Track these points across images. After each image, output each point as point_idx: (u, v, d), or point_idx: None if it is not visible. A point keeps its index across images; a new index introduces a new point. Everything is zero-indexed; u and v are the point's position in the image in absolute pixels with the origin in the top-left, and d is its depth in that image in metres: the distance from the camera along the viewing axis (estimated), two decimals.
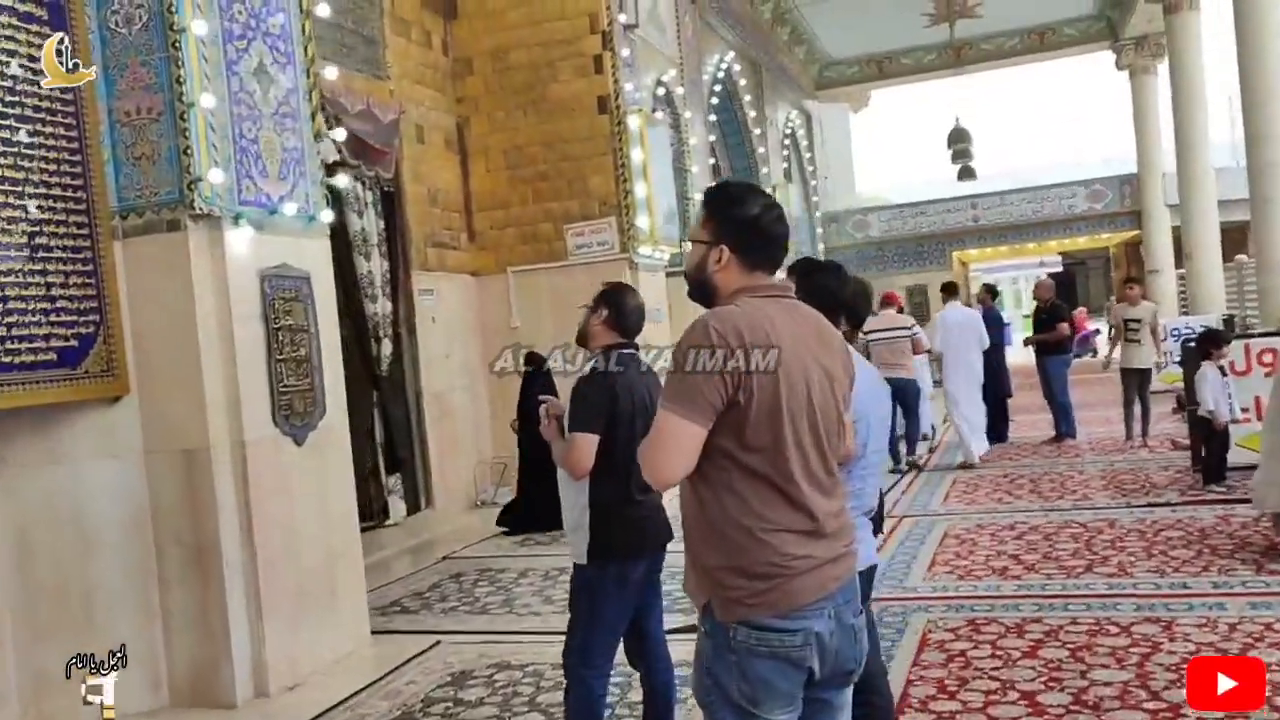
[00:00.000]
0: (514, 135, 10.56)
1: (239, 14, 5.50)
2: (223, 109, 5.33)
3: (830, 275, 3.54)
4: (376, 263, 9.26)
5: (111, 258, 5.18)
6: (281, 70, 5.80)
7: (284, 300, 5.63)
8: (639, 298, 4.05)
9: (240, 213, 5.37)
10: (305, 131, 5.95)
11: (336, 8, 8.76)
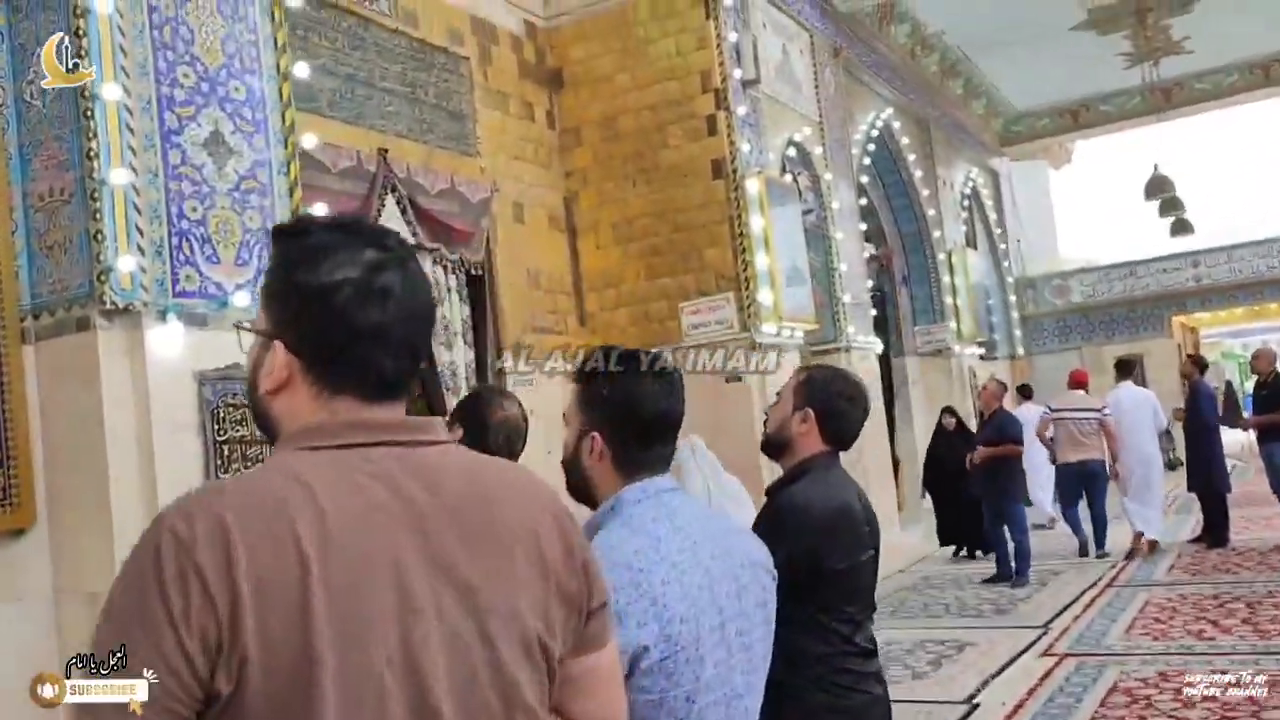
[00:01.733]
0: (624, 208, 9.43)
1: (184, 78, 4.60)
2: (153, 186, 4.41)
3: None
4: (460, 352, 8.25)
5: (18, 364, 4.30)
6: (246, 140, 4.85)
7: (233, 407, 4.61)
8: (512, 406, 2.76)
9: (170, 306, 4.39)
10: (279, 209, 4.97)
11: (412, 82, 7.94)
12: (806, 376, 2.76)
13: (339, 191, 7.22)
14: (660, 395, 1.85)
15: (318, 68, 7.25)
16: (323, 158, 7.10)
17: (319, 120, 7.18)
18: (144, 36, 4.51)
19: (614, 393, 1.86)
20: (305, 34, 7.18)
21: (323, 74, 7.29)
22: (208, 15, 4.80)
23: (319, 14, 7.33)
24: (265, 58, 5.04)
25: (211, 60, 4.79)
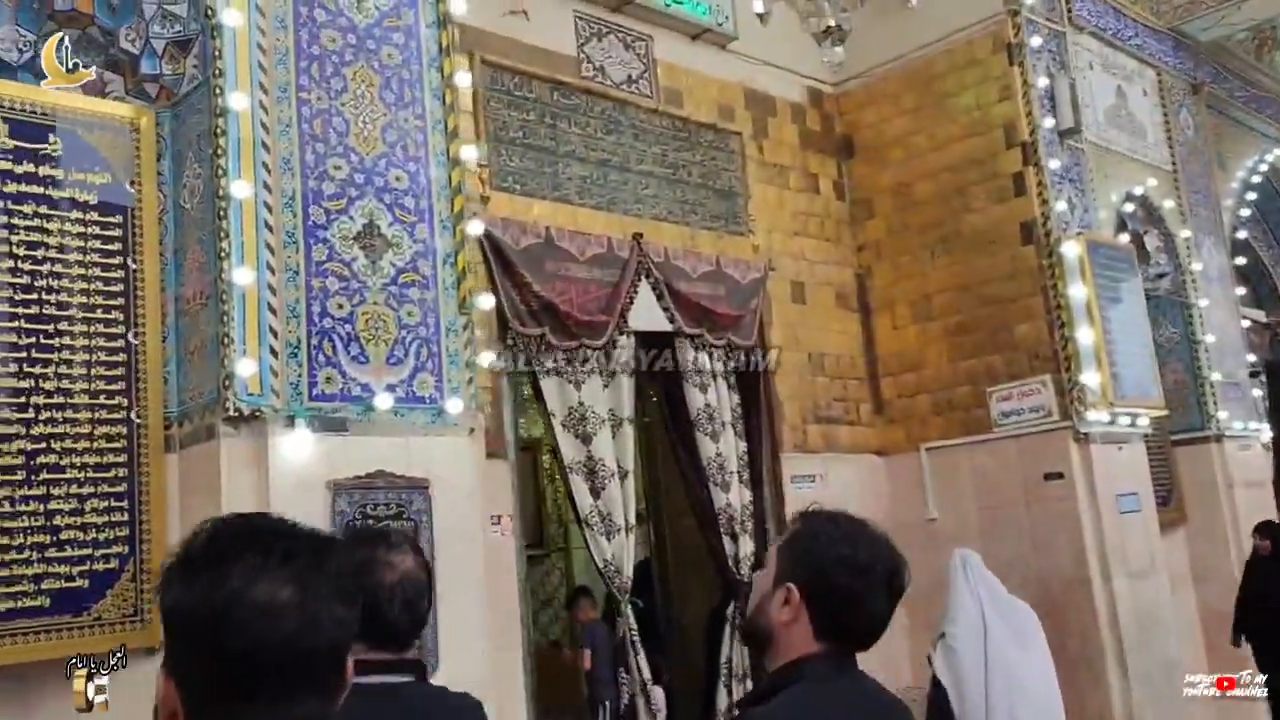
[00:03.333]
0: (922, 282, 8.29)
1: (335, 170, 4.30)
2: (292, 285, 4.11)
3: None
4: (729, 444, 7.47)
5: (160, 474, 4.10)
6: (406, 231, 4.47)
7: (373, 519, 4.15)
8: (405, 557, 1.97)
9: (301, 411, 4.03)
10: (443, 302, 4.53)
11: (674, 163, 7.41)
12: (792, 531, 1.78)
13: (586, 280, 6.79)
14: None
15: (566, 154, 6.92)
16: (569, 246, 6.72)
17: (566, 209, 6.81)
18: (290, 132, 4.25)
19: None
20: (554, 121, 6.88)
21: (571, 160, 6.94)
22: (367, 105, 4.49)
23: (571, 100, 7.00)
24: (433, 142, 4.66)
25: (368, 149, 4.46)
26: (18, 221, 3.91)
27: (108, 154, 4.16)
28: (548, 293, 6.47)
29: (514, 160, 6.61)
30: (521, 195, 6.59)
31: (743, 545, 7.36)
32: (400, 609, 1.91)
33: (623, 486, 6.74)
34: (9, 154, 3.94)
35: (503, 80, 6.65)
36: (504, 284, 6.32)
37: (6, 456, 3.78)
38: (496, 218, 6.33)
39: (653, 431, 7.84)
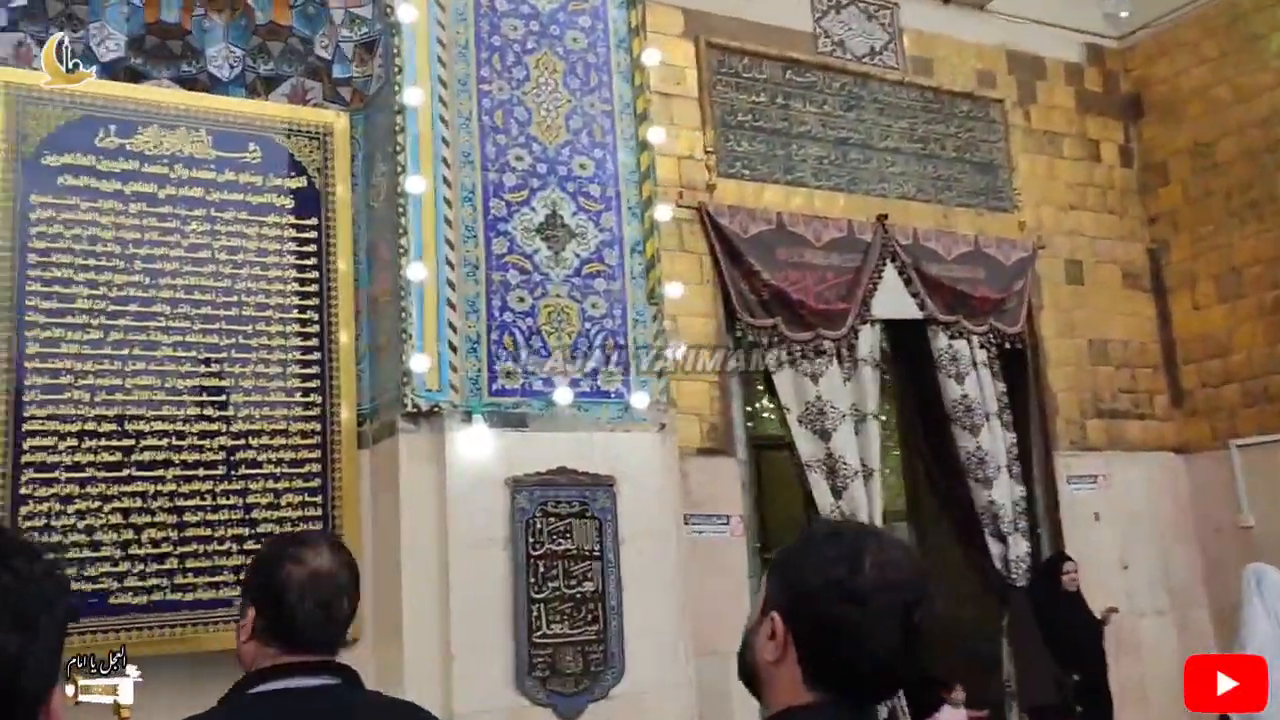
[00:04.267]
0: (1229, 255, 7.17)
1: (517, 161, 4.21)
2: (472, 280, 4.05)
3: None
4: (994, 438, 6.77)
5: (352, 470, 4.15)
6: (591, 220, 4.31)
7: (554, 517, 4.01)
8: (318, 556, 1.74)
9: (479, 406, 3.95)
10: (630, 292, 4.32)
11: (923, 137, 6.84)
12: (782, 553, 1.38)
13: (824, 266, 6.36)
14: None
15: (801, 135, 6.52)
16: (804, 231, 6.32)
17: (800, 192, 6.43)
18: (470, 125, 4.18)
19: None
20: (786, 101, 6.51)
21: (806, 141, 6.53)
22: (550, 92, 4.35)
23: (805, 78, 6.60)
24: (621, 127, 4.46)
25: (551, 138, 4.32)
26: (220, 228, 4.06)
27: (303, 159, 4.25)
28: (780, 282, 6.11)
29: (742, 144, 6.30)
30: (751, 181, 6.26)
31: (1014, 546, 6.63)
32: (312, 607, 1.69)
33: (867, 486, 6.24)
34: (212, 164, 4.10)
35: (730, 63, 6.35)
36: (731, 274, 6.03)
37: (209, 452, 3.93)
38: (723, 205, 6.05)
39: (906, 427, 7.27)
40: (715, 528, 5.74)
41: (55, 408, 3.72)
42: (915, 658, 1.29)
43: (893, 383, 7.12)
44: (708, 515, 5.70)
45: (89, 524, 3.71)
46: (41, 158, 3.85)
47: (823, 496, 6.09)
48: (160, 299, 3.93)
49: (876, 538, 1.32)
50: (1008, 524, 6.62)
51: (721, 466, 5.81)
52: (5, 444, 3.63)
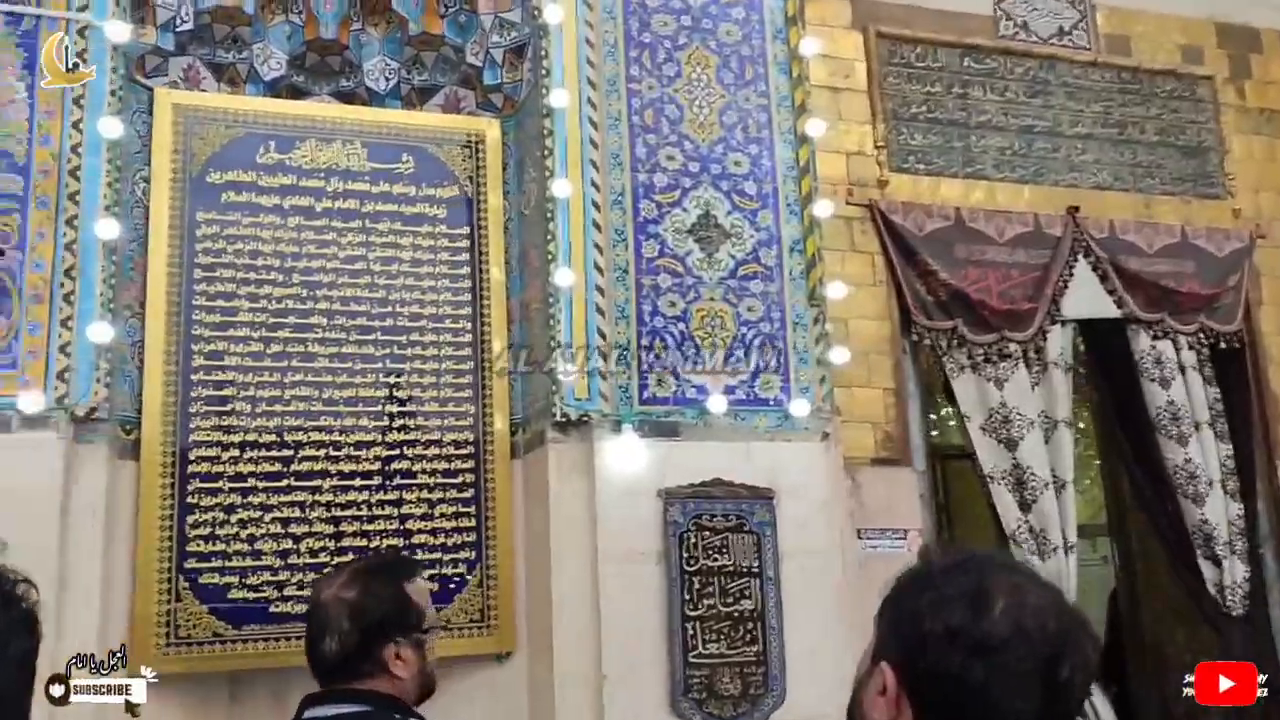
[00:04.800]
0: None
1: (668, 161, 4.07)
2: (621, 285, 3.93)
3: None
4: (1205, 450, 6.15)
5: (505, 482, 4.09)
6: (746, 219, 4.12)
7: (709, 531, 3.83)
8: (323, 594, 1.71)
9: (628, 416, 3.82)
10: (789, 294, 4.11)
11: (1119, 121, 6.31)
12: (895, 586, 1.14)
13: (1007, 264, 5.92)
14: None
15: (980, 125, 6.11)
16: (985, 227, 5.91)
17: (981, 186, 6.02)
18: (620, 126, 4.06)
19: None
20: (964, 90, 6.11)
21: (987, 131, 6.11)
22: (703, 88, 4.18)
23: (985, 64, 6.19)
24: (778, 120, 4.24)
25: (704, 136, 4.15)
26: (374, 239, 4.07)
27: (456, 167, 4.22)
28: (958, 281, 5.72)
29: (916, 138, 5.94)
30: (926, 175, 5.90)
31: (1230, 570, 6.00)
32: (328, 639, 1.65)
33: (1059, 499, 5.75)
34: (367, 176, 4.12)
35: (902, 52, 6.01)
36: (906, 274, 5.68)
37: (365, 463, 3.93)
38: (896, 202, 5.71)
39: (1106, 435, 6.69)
40: (891, 542, 5.41)
41: (219, 419, 3.79)
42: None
43: (1089, 387, 6.57)
44: (883, 529, 5.37)
45: (250, 533, 3.76)
46: (207, 175, 3.94)
47: (1008, 510, 5.65)
48: (317, 310, 3.96)
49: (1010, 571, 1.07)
50: (1222, 545, 5.99)
51: (898, 477, 5.47)
52: (173, 454, 3.72)
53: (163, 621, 3.62)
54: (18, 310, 3.31)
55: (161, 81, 4.04)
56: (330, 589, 1.89)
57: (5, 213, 3.36)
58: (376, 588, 1.86)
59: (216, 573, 3.71)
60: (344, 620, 1.84)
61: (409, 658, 1.88)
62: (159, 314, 3.78)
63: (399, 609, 1.90)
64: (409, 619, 1.91)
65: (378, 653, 1.84)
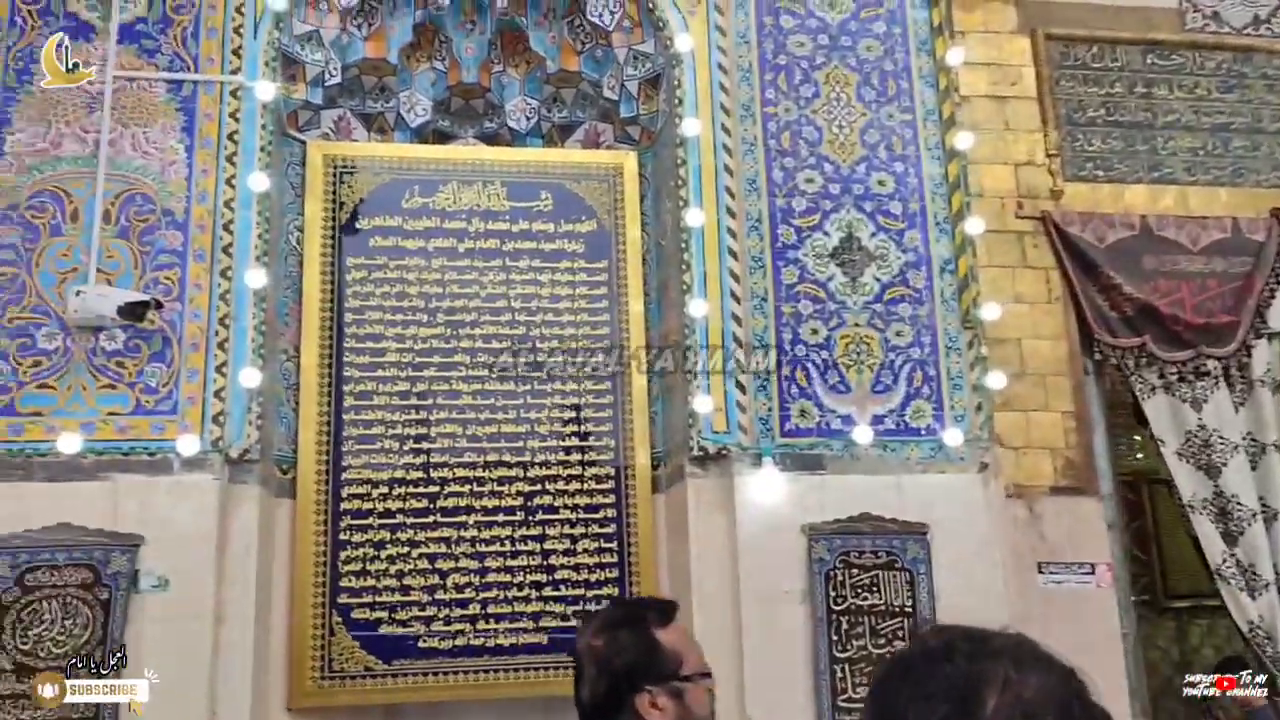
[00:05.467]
0: None
1: (807, 184, 3.94)
2: (760, 313, 3.82)
3: None
4: None
5: (646, 517, 4.03)
6: (892, 240, 3.94)
7: (858, 569, 3.65)
8: None
9: (767, 449, 3.70)
10: (940, 317, 3.89)
11: None
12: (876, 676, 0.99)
13: (1203, 274, 5.44)
14: None
15: (1167, 126, 5.65)
16: (1176, 235, 5.44)
17: (1170, 191, 5.55)
18: (755, 151, 3.95)
19: None
20: (1148, 89, 5.68)
21: (1175, 132, 5.65)
22: (842, 107, 4.02)
23: (1171, 60, 5.74)
24: (925, 136, 4.03)
25: (845, 156, 3.98)
26: (515, 276, 4.10)
27: (593, 202, 4.21)
28: (1146, 294, 5.28)
29: (1094, 143, 5.54)
30: (1106, 182, 5.49)
31: None
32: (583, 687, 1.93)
33: (1269, 530, 5.21)
34: (506, 215, 4.16)
35: (1076, 54, 5.64)
36: (1086, 289, 5.28)
37: (507, 498, 3.94)
38: (1072, 213, 5.33)
39: None
40: (1078, 577, 5.01)
41: (369, 457, 3.89)
42: None
43: None
44: (1067, 563, 4.99)
45: (399, 569, 3.82)
46: (356, 222, 4.07)
47: (1211, 543, 5.15)
48: (460, 349, 4.01)
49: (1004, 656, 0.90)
50: None
51: (1081, 507, 5.07)
52: (327, 492, 3.83)
53: (317, 655, 3.72)
54: (177, 358, 3.49)
55: (314, 134, 4.21)
56: (584, 637, 1.93)
57: (167, 267, 3.55)
58: (623, 635, 1.86)
59: (368, 608, 3.79)
60: (593, 668, 1.84)
61: (666, 706, 1.83)
62: (312, 357, 3.92)
63: (647, 656, 1.86)
64: (661, 666, 1.83)
65: (629, 701, 1.82)
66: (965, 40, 5.04)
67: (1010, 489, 4.76)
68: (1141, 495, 8.78)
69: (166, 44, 3.70)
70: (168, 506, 3.36)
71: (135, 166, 3.60)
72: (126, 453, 3.39)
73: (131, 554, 3.29)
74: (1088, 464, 5.17)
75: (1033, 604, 4.02)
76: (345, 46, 4.14)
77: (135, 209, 3.57)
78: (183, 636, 3.27)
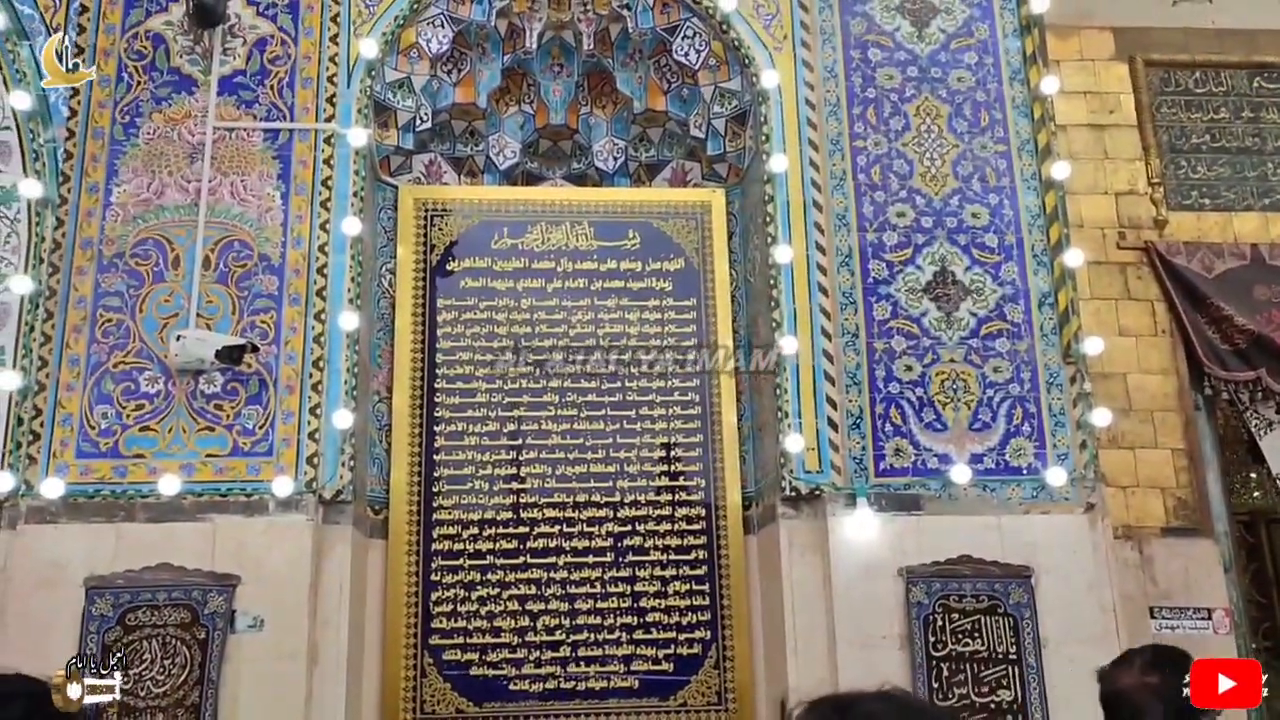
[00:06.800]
0: None
1: (899, 218, 3.85)
2: (851, 349, 3.73)
3: None
4: None
5: (739, 558, 3.94)
6: (988, 273, 3.82)
7: (958, 614, 3.50)
8: None
9: (861, 489, 3.59)
10: (1040, 352, 3.75)
11: None
12: None
13: None
14: None
15: (1277, 151, 5.40)
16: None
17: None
18: (844, 185, 3.87)
19: None
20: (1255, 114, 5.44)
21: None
22: (934, 139, 3.92)
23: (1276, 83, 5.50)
24: (1020, 166, 3.90)
25: (936, 189, 3.88)
26: (603, 315, 4.08)
27: (681, 240, 4.17)
28: (1260, 326, 5.03)
29: (1199, 170, 5.33)
30: (1213, 211, 5.27)
31: None
32: None
33: None
34: (594, 254, 4.14)
35: (1177, 79, 5.44)
36: (1194, 321, 5.06)
37: (597, 539, 3.89)
38: (1177, 243, 5.13)
39: None
40: (1194, 623, 4.76)
41: (459, 497, 3.88)
42: None
43: None
44: (1182, 608, 4.74)
45: (489, 610, 3.79)
46: (446, 263, 4.09)
47: None
48: (549, 389, 3.99)
49: None
50: None
51: (1195, 549, 4.84)
52: (418, 532, 3.82)
53: (409, 697, 3.70)
54: (273, 401, 3.53)
55: (406, 178, 4.25)
56: (1129, 677, 2.11)
57: (264, 310, 3.60)
58: (1174, 674, 2.05)
59: (459, 649, 3.76)
60: (1157, 703, 2.03)
61: None
62: (404, 398, 3.93)
63: None
64: None
65: None
66: (1061, 69, 4.90)
67: (1119, 530, 4.55)
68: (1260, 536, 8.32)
69: (264, 94, 3.78)
70: (263, 547, 3.38)
71: (234, 214, 3.66)
72: (224, 494, 3.42)
73: (228, 594, 3.31)
74: (1200, 503, 4.92)
75: None
76: (436, 92, 4.19)
77: (234, 255, 3.63)
78: (277, 677, 3.27)
